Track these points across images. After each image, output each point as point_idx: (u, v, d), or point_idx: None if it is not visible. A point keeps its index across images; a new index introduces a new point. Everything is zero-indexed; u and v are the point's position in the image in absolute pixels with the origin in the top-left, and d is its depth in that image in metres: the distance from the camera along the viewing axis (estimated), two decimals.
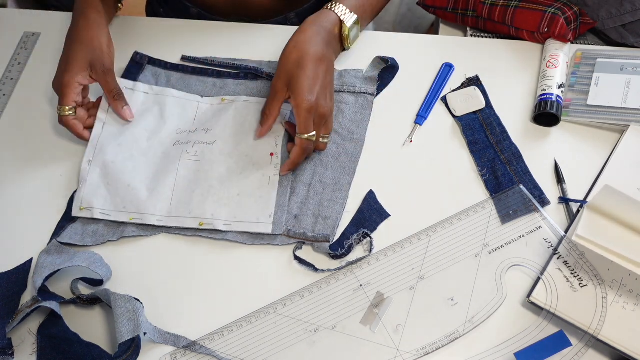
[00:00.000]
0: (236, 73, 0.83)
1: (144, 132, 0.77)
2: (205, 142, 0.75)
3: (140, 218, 0.70)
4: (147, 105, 0.79)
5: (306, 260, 0.68)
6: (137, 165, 0.74)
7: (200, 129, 0.77)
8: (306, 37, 0.71)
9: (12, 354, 0.62)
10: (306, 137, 0.68)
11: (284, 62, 0.69)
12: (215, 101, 0.80)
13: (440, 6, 0.90)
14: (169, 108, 0.79)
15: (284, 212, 0.70)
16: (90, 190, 0.72)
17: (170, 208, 0.71)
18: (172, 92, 0.80)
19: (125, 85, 0.79)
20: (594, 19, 0.83)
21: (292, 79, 0.68)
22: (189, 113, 0.79)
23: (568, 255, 0.64)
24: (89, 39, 0.75)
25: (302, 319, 0.64)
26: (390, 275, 0.66)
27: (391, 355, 0.61)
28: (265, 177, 0.72)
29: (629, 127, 0.74)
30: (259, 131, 0.73)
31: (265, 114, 0.71)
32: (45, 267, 0.65)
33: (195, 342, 0.63)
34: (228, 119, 0.77)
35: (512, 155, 0.74)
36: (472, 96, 0.79)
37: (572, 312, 0.61)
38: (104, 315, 0.65)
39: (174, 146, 0.76)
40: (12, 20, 0.93)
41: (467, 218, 0.69)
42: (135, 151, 0.75)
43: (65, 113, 0.73)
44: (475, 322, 0.63)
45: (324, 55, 0.71)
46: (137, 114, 0.78)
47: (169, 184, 0.72)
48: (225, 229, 0.69)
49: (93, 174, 0.73)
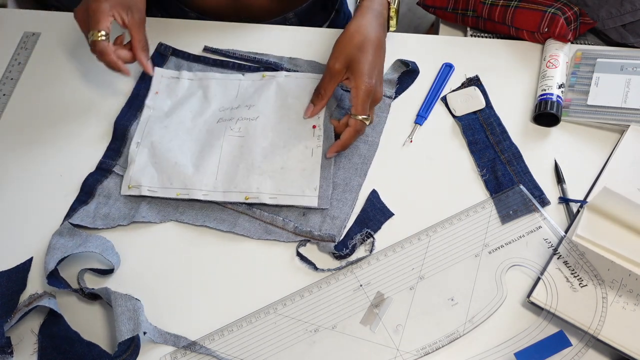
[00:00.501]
0: (256, 67, 0.84)
1: (188, 113, 0.79)
2: (248, 117, 0.77)
3: (187, 193, 0.71)
4: (192, 90, 0.82)
5: (307, 258, 0.68)
6: (183, 144, 0.76)
7: (243, 106, 0.78)
8: (366, 21, 0.71)
9: (12, 353, 0.62)
10: (361, 119, 0.69)
11: (344, 44, 0.69)
12: (257, 77, 0.81)
13: (440, 6, 0.90)
14: (212, 89, 0.81)
15: (329, 186, 0.71)
16: (138, 170, 0.74)
17: (216, 183, 0.72)
18: (214, 74, 0.83)
19: (171, 74, 0.83)
20: (594, 19, 0.83)
21: (353, 61, 0.68)
22: (231, 91, 0.81)
23: (568, 255, 0.64)
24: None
25: (302, 319, 0.64)
26: (391, 275, 0.66)
27: (391, 355, 0.61)
28: (308, 149, 0.73)
29: (629, 127, 0.74)
30: (310, 110, 0.74)
31: (320, 94, 0.72)
32: (57, 248, 0.66)
33: (195, 342, 0.63)
34: (270, 94, 0.78)
35: (512, 155, 0.74)
36: (472, 96, 0.79)
37: (572, 312, 0.61)
38: (105, 314, 0.65)
39: (218, 123, 0.77)
40: (12, 20, 0.93)
41: (467, 218, 0.69)
42: (181, 131, 0.77)
43: (97, 38, 0.70)
44: (475, 322, 0.63)
45: (382, 41, 0.72)
46: (182, 99, 0.81)
47: (214, 159, 0.73)
48: (270, 202, 0.70)
49: (141, 155, 0.75)
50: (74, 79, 0.85)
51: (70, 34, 0.90)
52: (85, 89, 0.84)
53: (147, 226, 0.71)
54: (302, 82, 0.79)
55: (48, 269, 0.64)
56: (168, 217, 0.71)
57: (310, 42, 0.87)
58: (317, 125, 0.74)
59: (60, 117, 0.81)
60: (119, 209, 0.72)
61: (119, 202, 0.72)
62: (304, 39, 0.87)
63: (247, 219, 0.70)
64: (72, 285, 0.66)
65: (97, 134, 0.79)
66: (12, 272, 0.68)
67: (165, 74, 0.83)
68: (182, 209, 0.71)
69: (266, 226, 0.70)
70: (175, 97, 0.81)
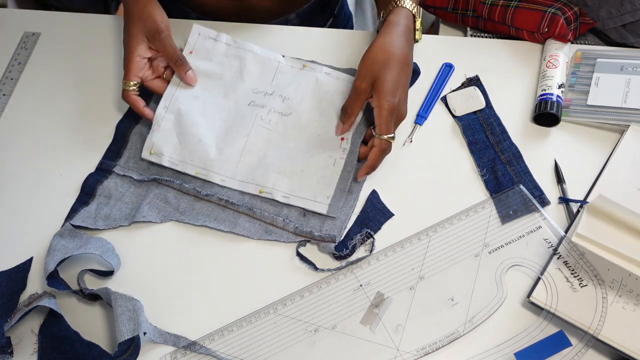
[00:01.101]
0: None
1: (221, 87, 0.78)
2: (280, 112, 0.76)
3: (205, 174, 0.72)
4: (228, 58, 0.79)
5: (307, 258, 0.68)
6: (210, 121, 0.75)
7: (277, 95, 0.77)
8: (392, 38, 0.71)
9: (11, 353, 0.62)
10: (386, 138, 0.69)
11: (369, 63, 0.69)
12: (297, 64, 0.80)
13: (440, 6, 0.90)
14: (248, 64, 0.79)
15: (342, 197, 0.70)
16: (162, 136, 0.74)
17: (236, 172, 0.72)
18: (253, 47, 0.80)
19: (209, 34, 0.80)
20: (594, 19, 0.83)
21: (376, 80, 0.68)
22: (267, 73, 0.79)
23: (568, 255, 0.64)
24: (139, 12, 0.75)
25: (302, 319, 0.64)
26: (390, 275, 0.66)
27: (391, 355, 0.61)
28: (331, 159, 0.72)
29: (629, 127, 0.74)
30: (339, 128, 0.73)
31: (347, 113, 0.71)
32: (58, 250, 0.66)
33: (195, 342, 0.63)
34: (307, 91, 0.77)
35: (512, 155, 0.74)
36: (472, 96, 0.79)
37: (572, 312, 0.61)
38: (105, 314, 0.65)
39: (249, 106, 0.76)
40: (12, 20, 0.93)
41: (467, 218, 0.69)
42: (210, 106, 0.76)
43: (127, 87, 0.73)
44: (475, 322, 0.63)
45: (409, 57, 0.72)
46: (216, 65, 0.78)
47: (238, 147, 0.74)
48: (283, 200, 0.70)
49: (168, 121, 0.75)
50: (74, 79, 0.85)
51: (70, 34, 0.90)
52: (85, 89, 0.84)
53: (147, 226, 0.71)
54: (341, 85, 0.77)
55: (48, 270, 0.64)
56: (169, 217, 0.71)
57: (312, 42, 0.87)
58: (345, 138, 0.73)
59: (60, 117, 0.81)
60: (120, 209, 0.72)
61: (120, 202, 0.72)
62: (306, 39, 0.87)
63: (248, 219, 0.70)
64: (72, 286, 0.66)
65: (97, 134, 0.79)
66: (12, 272, 0.68)
67: (202, 32, 0.79)
68: (182, 208, 0.71)
69: (266, 226, 0.70)
70: (209, 61, 0.78)
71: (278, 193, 0.71)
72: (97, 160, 0.76)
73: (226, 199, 0.71)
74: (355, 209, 0.71)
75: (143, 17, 0.74)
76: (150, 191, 0.73)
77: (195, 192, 0.72)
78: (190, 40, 0.79)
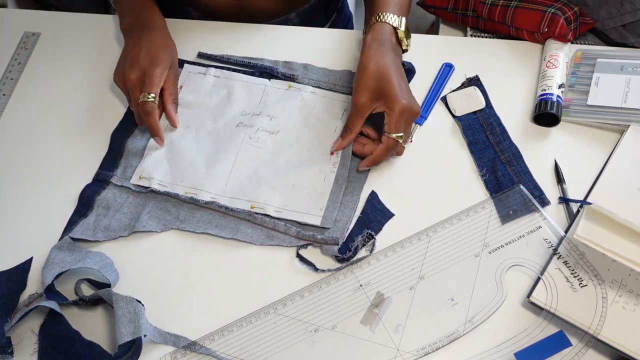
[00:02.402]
0: (251, 72, 0.84)
1: (210, 114, 0.80)
2: (268, 130, 0.77)
3: (195, 193, 0.72)
4: (217, 87, 0.82)
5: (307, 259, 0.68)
6: (201, 146, 0.77)
7: (265, 114, 0.78)
8: (373, 52, 0.71)
9: (12, 353, 0.62)
10: (394, 137, 0.69)
11: (363, 78, 0.69)
12: (282, 86, 0.82)
13: (440, 6, 0.90)
14: (237, 91, 0.81)
15: (336, 208, 0.70)
16: (153, 163, 0.75)
17: (225, 189, 0.73)
18: (240, 76, 0.83)
19: (198, 70, 0.84)
20: (594, 19, 0.83)
21: (380, 89, 0.69)
22: (255, 96, 0.81)
23: (568, 255, 0.64)
24: (165, 44, 0.79)
25: (302, 319, 0.64)
26: (390, 275, 0.66)
27: (391, 355, 0.61)
28: (321, 173, 0.73)
29: (629, 127, 0.74)
30: (337, 143, 0.73)
31: (349, 129, 0.72)
32: (56, 263, 0.66)
33: (195, 342, 0.63)
34: (293, 109, 0.79)
35: (512, 155, 0.74)
36: (472, 96, 0.79)
37: (572, 312, 0.61)
38: (105, 315, 0.65)
39: (237, 127, 0.78)
40: (12, 20, 0.93)
41: (467, 218, 0.69)
42: (200, 132, 0.78)
43: (148, 99, 0.74)
44: (475, 322, 0.63)
45: (397, 62, 0.72)
46: (205, 95, 0.81)
47: (227, 165, 0.74)
48: (275, 215, 0.70)
49: (159, 151, 0.76)
50: (74, 79, 0.85)
51: (70, 34, 0.90)
52: (85, 88, 0.84)
53: (148, 234, 0.71)
54: (327, 103, 0.79)
55: (45, 283, 0.64)
56: (169, 226, 0.71)
57: (312, 42, 0.87)
58: (334, 152, 0.74)
59: (60, 117, 0.81)
60: (120, 220, 0.71)
61: (119, 213, 0.72)
62: (306, 39, 0.87)
63: (249, 225, 0.70)
64: (70, 297, 0.65)
65: (97, 134, 0.79)
66: (12, 272, 0.67)
67: (192, 70, 0.83)
68: (182, 217, 0.71)
69: (268, 232, 0.70)
70: (198, 93, 0.81)
71: (270, 208, 0.70)
72: (97, 158, 0.76)
73: (226, 206, 0.71)
74: (356, 211, 0.71)
75: (171, 51, 0.80)
76: (149, 200, 0.72)
77: (194, 201, 0.72)
78: (181, 77, 0.83)
